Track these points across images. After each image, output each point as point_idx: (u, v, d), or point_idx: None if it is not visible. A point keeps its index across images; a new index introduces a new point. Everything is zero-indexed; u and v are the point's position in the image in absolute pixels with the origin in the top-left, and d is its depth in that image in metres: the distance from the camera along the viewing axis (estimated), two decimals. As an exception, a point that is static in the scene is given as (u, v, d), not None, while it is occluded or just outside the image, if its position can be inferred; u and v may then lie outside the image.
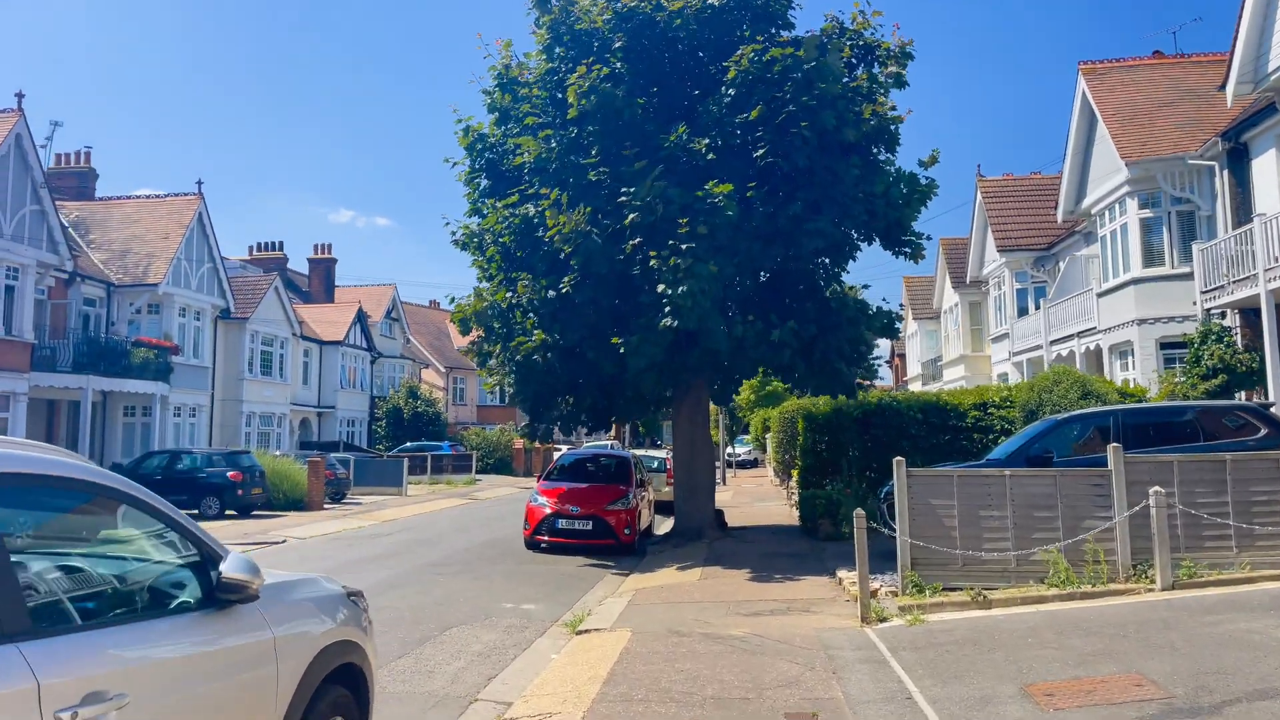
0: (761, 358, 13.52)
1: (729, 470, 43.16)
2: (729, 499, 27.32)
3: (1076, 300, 23.84)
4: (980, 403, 18.09)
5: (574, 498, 15.55)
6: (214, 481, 23.63)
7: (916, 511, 10.31)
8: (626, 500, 15.48)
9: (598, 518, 15.16)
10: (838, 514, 15.65)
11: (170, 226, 30.72)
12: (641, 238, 12.43)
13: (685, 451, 15.78)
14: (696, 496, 15.72)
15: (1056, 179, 30.11)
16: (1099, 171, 21.97)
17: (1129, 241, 20.81)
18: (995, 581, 10.08)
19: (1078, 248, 25.89)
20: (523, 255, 14.19)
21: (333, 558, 15.51)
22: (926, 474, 10.63)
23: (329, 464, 28.54)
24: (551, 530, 15.28)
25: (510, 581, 12.55)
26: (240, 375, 34.48)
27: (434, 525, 21.53)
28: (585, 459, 17.81)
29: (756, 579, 11.93)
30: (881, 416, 18.04)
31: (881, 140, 14.29)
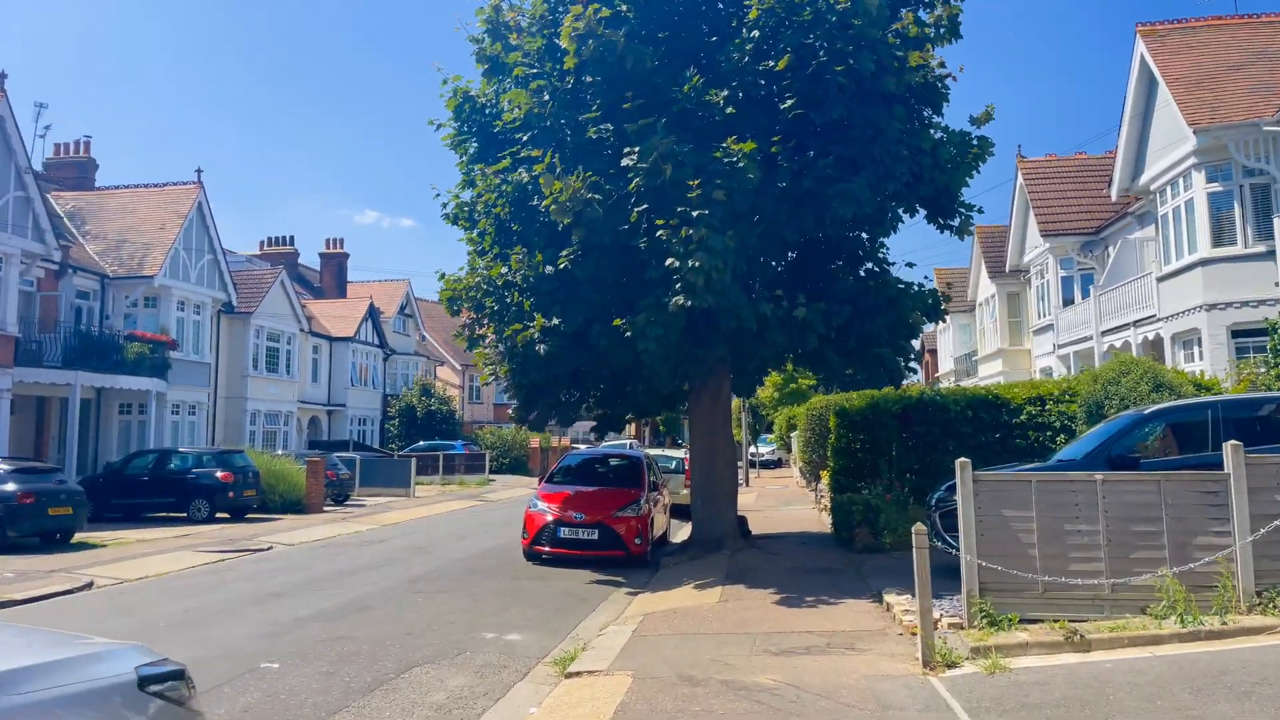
0: (787, 343, 11.59)
1: (752, 471, 41.18)
2: (752, 502, 25.36)
3: (1132, 286, 21.66)
4: (1036, 396, 16.04)
5: (578, 503, 13.69)
6: (204, 483, 22.00)
7: (986, 525, 8.34)
8: (637, 506, 13.59)
9: (604, 526, 13.29)
10: (877, 522, 13.68)
11: (167, 216, 29.19)
12: (648, 204, 10.54)
13: (704, 451, 13.87)
14: (716, 502, 13.80)
15: (1104, 158, 27.93)
16: (1159, 143, 19.80)
17: (1195, 219, 18.64)
18: (1085, 612, 8.09)
19: (1130, 230, 23.69)
20: (518, 229, 12.34)
21: (311, 568, 13.76)
22: (997, 479, 8.65)
23: (331, 464, 26.87)
24: (553, 540, 13.42)
25: (500, 601, 10.70)
26: (244, 372, 32.94)
27: (434, 530, 19.75)
28: (593, 459, 15.95)
29: (786, 601, 10.00)
30: (924, 412, 16.03)
31: (928, 98, 12.29)
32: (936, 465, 16.02)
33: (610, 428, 15.32)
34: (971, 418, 16.00)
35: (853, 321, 11.82)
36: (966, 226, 12.68)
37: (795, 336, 11.46)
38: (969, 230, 12.80)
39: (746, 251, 10.98)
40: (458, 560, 14.22)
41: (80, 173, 32.16)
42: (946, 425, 15.98)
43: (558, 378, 12.70)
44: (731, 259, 10.25)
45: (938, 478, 16.28)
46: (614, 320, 11.04)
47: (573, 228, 10.95)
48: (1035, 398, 16.01)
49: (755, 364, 12.34)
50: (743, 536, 14.66)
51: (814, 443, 23.82)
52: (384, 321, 44.24)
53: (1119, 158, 21.38)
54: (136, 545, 17.61)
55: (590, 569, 13.23)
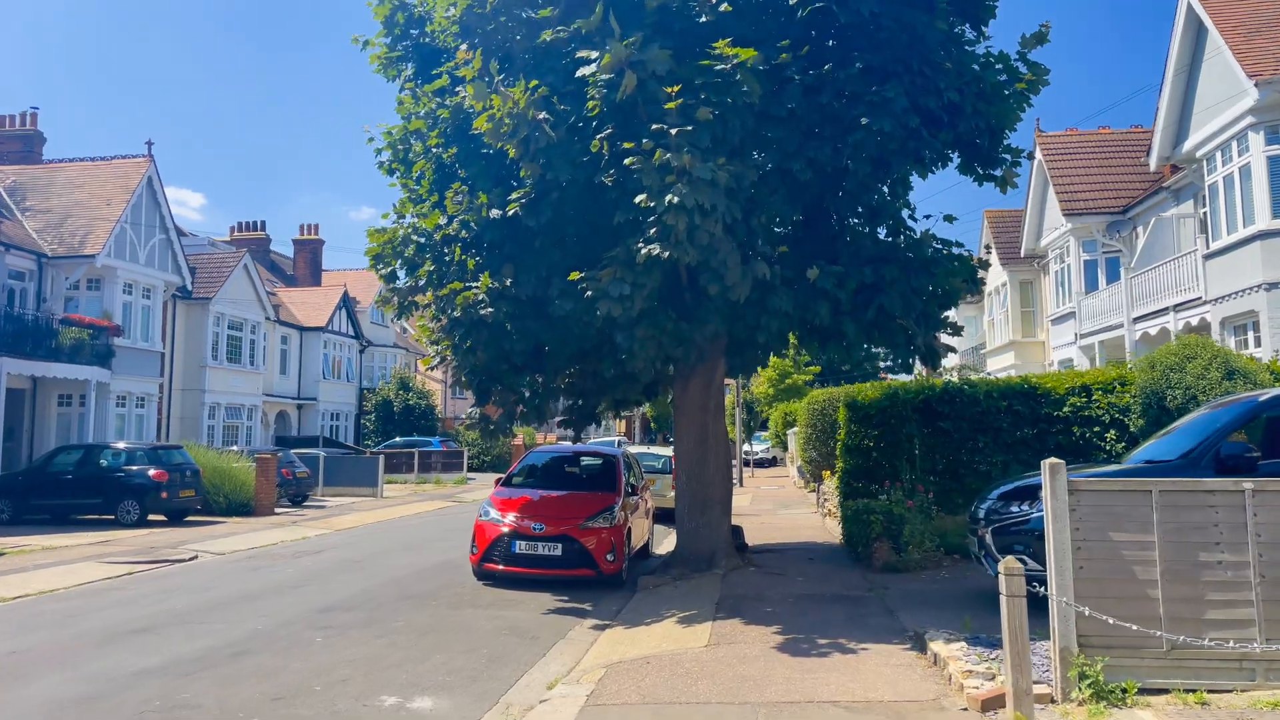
0: (795, 313, 9.05)
1: (745, 470, 38.69)
2: (746, 504, 22.81)
3: (1170, 267, 19.18)
4: (1080, 386, 13.53)
5: (539, 511, 11.13)
6: (134, 482, 19.37)
7: (1088, 553, 5.81)
8: (610, 515, 11.03)
9: (570, 539, 10.72)
10: (900, 535, 11.15)
11: (113, 192, 26.52)
12: (613, 127, 7.98)
13: (692, 449, 11.32)
14: (708, 511, 11.25)
15: (1130, 133, 25.49)
16: (1208, 102, 17.31)
17: (1252, 187, 16.16)
18: (1230, 679, 5.58)
19: (1165, 207, 21.20)
20: (462, 170, 9.77)
21: (215, 589, 11.19)
22: (1105, 487, 6.08)
23: (286, 462, 24.26)
24: (507, 556, 10.85)
25: (423, 642, 8.14)
26: (203, 362, 30.28)
27: (384, 538, 17.16)
28: (561, 458, 13.36)
29: (797, 647, 7.46)
30: (951, 404, 13.51)
31: (968, 8, 9.76)
32: (965, 466, 13.52)
33: (582, 422, 12.74)
34: (1006, 410, 13.50)
35: (875, 287, 9.26)
36: (1011, 176, 10.14)
37: (805, 305, 8.93)
38: (1014, 181, 10.26)
39: (743, 195, 8.43)
40: (391, 580, 11.64)
41: (25, 146, 29.49)
42: (977, 419, 13.48)
43: (512, 357, 10.11)
44: (722, 201, 7.69)
45: (965, 480, 13.77)
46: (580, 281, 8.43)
47: (521, 161, 8.38)
48: (1080, 388, 13.51)
49: (755, 341, 9.80)
50: (738, 551, 12.12)
51: (816, 440, 21.29)
52: (361, 311, 41.61)
53: (1159, 121, 18.87)
54: (40, 554, 15.01)
55: (552, 592, 10.69)
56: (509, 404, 10.88)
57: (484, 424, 11.13)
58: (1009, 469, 13.34)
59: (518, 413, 11.15)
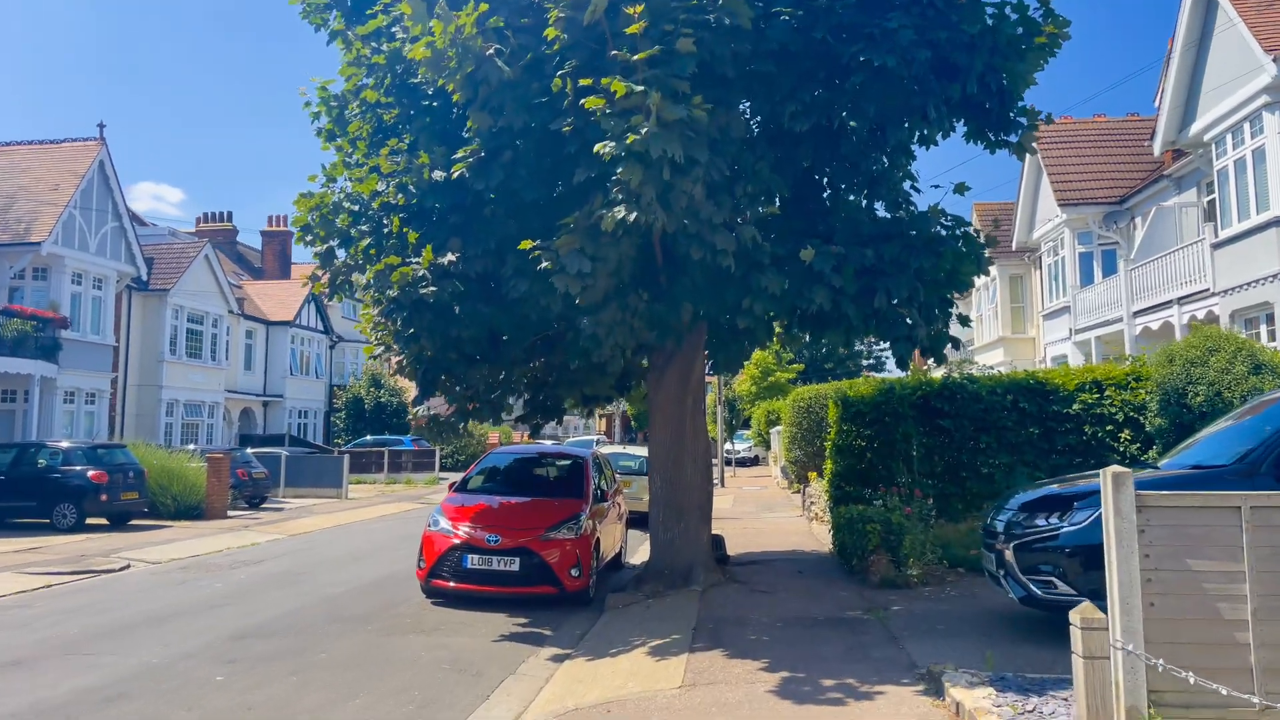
0: (785, 295, 7.75)
1: (727, 469, 37.48)
2: (729, 506, 21.54)
3: (1174, 258, 18.09)
4: (1092, 382, 12.37)
5: (495, 520, 9.79)
6: (72, 483, 17.85)
7: (1159, 585, 4.56)
8: (576, 524, 9.71)
9: (528, 552, 9.39)
10: (899, 547, 9.90)
11: (62, 176, 24.92)
12: (578, 60, 6.66)
13: (668, 449, 10.01)
14: (685, 518, 9.95)
15: (1127, 121, 24.46)
16: (1218, 81, 16.20)
17: (1266, 170, 15.06)
18: (1345, 750, 4.35)
19: (1166, 196, 20.13)
20: (405, 131, 8.41)
21: (129, 607, 9.81)
22: (1180, 502, 4.80)
23: (242, 462, 22.79)
24: (457, 572, 9.51)
25: (343, 680, 6.80)
26: (160, 357, 28.69)
27: (337, 545, 15.78)
28: (524, 460, 11.99)
29: (787, 688, 6.18)
30: (952, 402, 12.32)
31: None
32: (966, 468, 12.31)
33: (548, 417, 11.38)
34: (1011, 407, 12.32)
35: (875, 271, 7.98)
36: (1030, 140, 8.89)
37: (797, 290, 7.64)
38: (1031, 146, 9.03)
39: (729, 151, 7.13)
40: (327, 599, 10.27)
41: (-29, 129, 27.77)
42: (979, 418, 12.29)
43: (462, 345, 8.77)
44: (704, 154, 6.39)
45: (967, 483, 12.55)
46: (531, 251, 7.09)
47: (468, 109, 7.05)
48: (1091, 383, 12.35)
49: (738, 327, 8.49)
50: (718, 563, 10.84)
51: (801, 439, 20.06)
52: (331, 306, 40.03)
53: (1165, 103, 17.76)
54: (-47, 564, 13.53)
55: (508, 612, 9.36)
56: (459, 399, 9.54)
57: (432, 422, 9.79)
58: (1014, 471, 12.14)
59: (469, 409, 9.81)
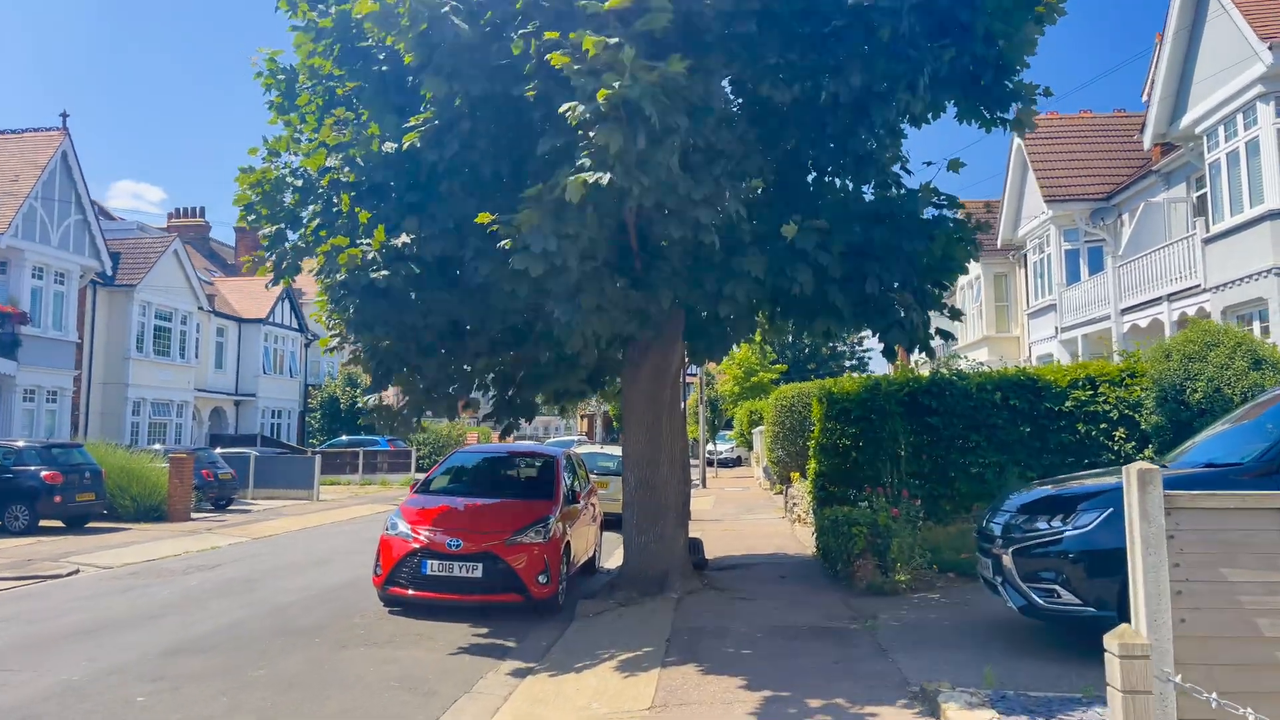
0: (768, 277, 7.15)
1: (709, 470, 36.95)
2: (709, 508, 20.98)
3: (1163, 254, 17.66)
4: (1085, 379, 11.87)
5: (458, 523, 9.13)
6: (25, 484, 17.02)
7: (1190, 598, 3.98)
8: (544, 527, 9.07)
9: (493, 558, 8.74)
10: (887, 551, 9.32)
11: (22, 167, 24.01)
12: (541, 21, 6.04)
13: (643, 448, 9.39)
14: (660, 521, 9.33)
15: (1114, 117, 24.08)
16: (1210, 71, 15.76)
17: (1261, 163, 14.63)
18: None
19: (1155, 191, 19.73)
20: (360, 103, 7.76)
21: (66, 615, 9.10)
22: (1214, 503, 4.21)
23: (207, 462, 21.99)
24: (416, 578, 8.84)
25: (283, 701, 6.14)
26: (126, 354, 27.79)
27: (300, 549, 15.06)
28: (491, 459, 11.33)
29: (768, 709, 5.57)
30: (941, 399, 11.78)
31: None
32: (956, 467, 11.77)
33: (515, 415, 10.71)
34: (1002, 405, 11.79)
35: (864, 252, 7.40)
36: (1029, 117, 8.33)
37: (779, 270, 7.05)
38: (1031, 122, 8.46)
39: (709, 123, 6.52)
40: (278, 607, 9.58)
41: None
42: (969, 415, 11.76)
43: (421, 335, 8.12)
44: (683, 120, 5.79)
45: (956, 484, 12.00)
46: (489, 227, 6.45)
47: (422, 74, 6.41)
48: (1085, 380, 11.85)
49: (718, 315, 7.88)
50: (696, 568, 10.23)
51: (784, 439, 19.51)
52: (305, 303, 39.13)
53: (1154, 95, 17.33)
54: (-111, 570, 12.71)
55: (470, 621, 8.71)
56: (416, 393, 8.88)
57: (383, 415, 9.13)
58: (1005, 471, 11.61)
59: (423, 401, 9.15)
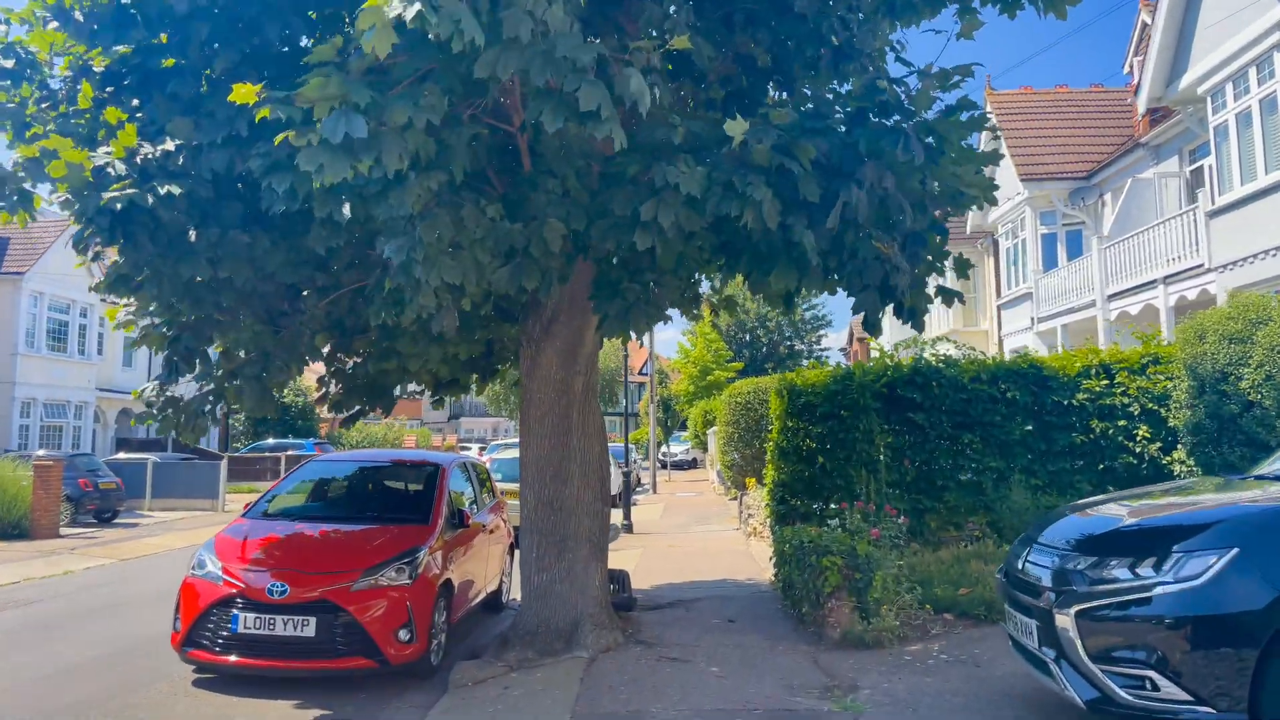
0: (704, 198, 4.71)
1: (662, 473, 34.66)
2: (656, 518, 18.60)
3: (1157, 232, 15.66)
4: (1099, 366, 9.73)
5: (288, 559, 6.60)
6: None
7: None
8: (411, 563, 6.58)
9: (331, 609, 6.22)
10: (868, 588, 6.98)
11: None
12: None
13: (546, 455, 6.95)
14: (568, 553, 6.88)
15: (1090, 92, 22.23)
16: (1216, 17, 13.76)
17: (1277, 123, 12.67)
18: None
19: (1142, 167, 17.79)
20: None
21: None
22: None
23: (88, 469, 19.12)
24: (223, 638, 6.28)
25: None
26: (14, 349, 24.67)
27: (160, 576, 12.33)
28: (360, 469, 8.71)
29: None
30: (926, 391, 9.57)
31: None
32: (946, 475, 9.51)
33: (369, 403, 8.21)
34: (1000, 398, 9.59)
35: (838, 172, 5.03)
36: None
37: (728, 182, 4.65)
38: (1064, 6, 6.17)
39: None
40: (62, 669, 6.96)
41: None
42: (961, 411, 9.55)
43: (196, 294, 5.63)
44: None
45: (945, 494, 9.69)
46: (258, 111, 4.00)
47: None
48: (1098, 368, 9.69)
49: (638, 259, 5.46)
50: (619, 609, 7.80)
51: (739, 440, 17.19)
52: (231, 297, 36.09)
53: (1151, 54, 15.32)
54: None
55: (301, 697, 6.20)
56: (214, 377, 6.41)
57: (168, 410, 6.66)
58: (1005, 478, 9.37)
59: (224, 390, 6.68)
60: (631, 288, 5.41)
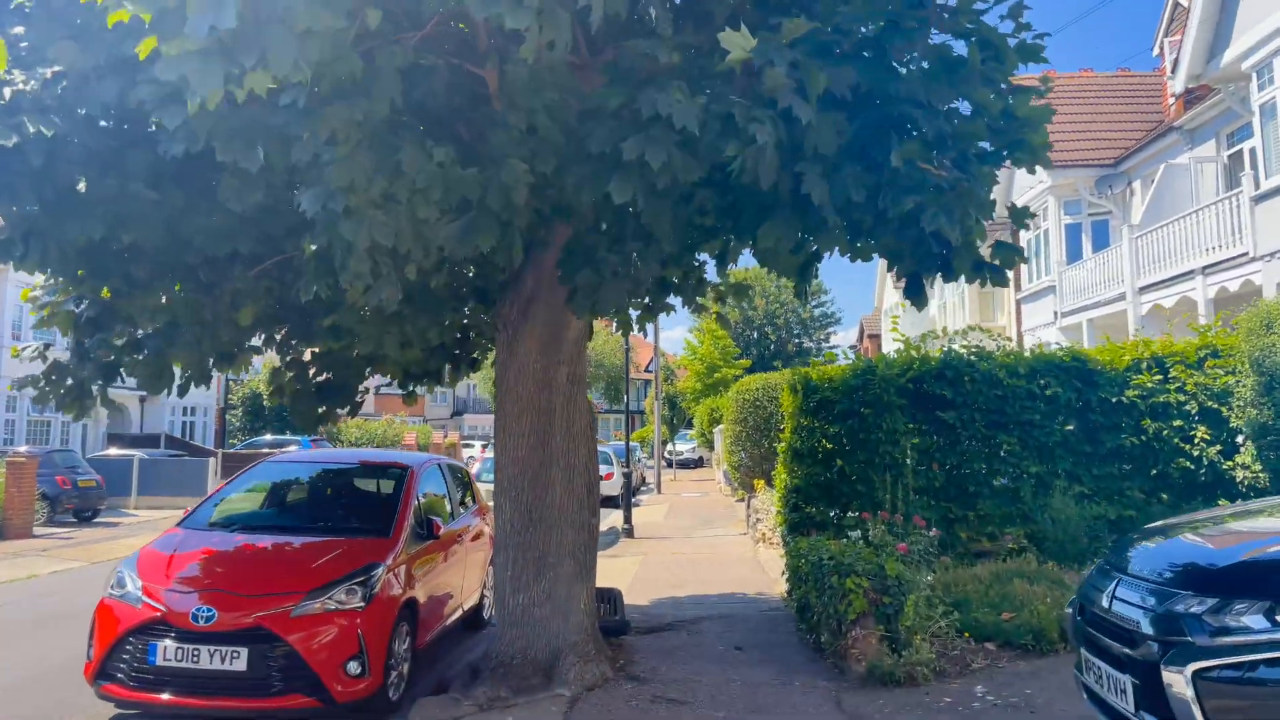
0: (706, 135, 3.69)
1: (667, 472, 33.69)
2: (660, 520, 17.62)
3: (1195, 219, 14.56)
4: (1152, 359, 8.69)
5: (221, 577, 5.62)
6: None
7: None
8: (365, 583, 5.59)
9: (266, 639, 5.23)
10: (898, 614, 5.96)
11: None
12: None
13: (524, 456, 5.94)
14: (549, 572, 5.88)
15: (1117, 77, 21.10)
16: (1266, -6, 12.68)
17: (1334, 99, 11.59)
18: None
19: (1176, 152, 16.70)
20: None
21: None
22: None
23: (65, 467, 18.23)
24: (140, 671, 5.29)
25: None
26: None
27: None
28: (317, 472, 7.69)
29: None
30: (958, 387, 8.53)
31: None
32: (980, 481, 8.46)
33: (326, 403, 7.25)
34: (1039, 395, 8.55)
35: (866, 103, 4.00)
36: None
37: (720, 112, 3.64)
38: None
39: None
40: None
41: None
42: (997, 409, 8.50)
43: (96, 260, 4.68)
44: None
45: (978, 502, 8.66)
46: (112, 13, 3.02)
47: None
48: (1150, 361, 8.64)
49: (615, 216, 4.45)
50: (610, 634, 6.80)
51: (746, 439, 16.17)
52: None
53: (1190, 29, 14.21)
54: None
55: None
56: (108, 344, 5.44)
57: (53, 377, 5.69)
58: (1047, 485, 8.35)
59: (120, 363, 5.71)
60: (609, 259, 4.40)
